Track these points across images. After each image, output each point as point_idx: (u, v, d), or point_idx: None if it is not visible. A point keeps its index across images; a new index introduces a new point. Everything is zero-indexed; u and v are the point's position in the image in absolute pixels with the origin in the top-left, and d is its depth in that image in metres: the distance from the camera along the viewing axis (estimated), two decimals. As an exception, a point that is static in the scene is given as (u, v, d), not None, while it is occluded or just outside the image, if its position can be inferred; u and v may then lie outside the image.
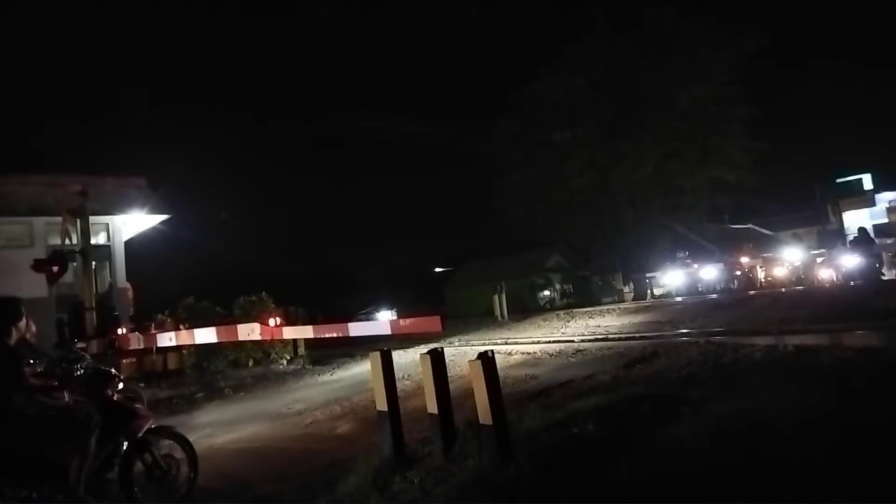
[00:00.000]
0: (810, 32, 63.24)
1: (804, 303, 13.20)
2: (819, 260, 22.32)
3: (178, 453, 5.30)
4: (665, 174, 29.86)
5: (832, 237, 30.54)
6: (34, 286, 15.34)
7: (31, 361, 4.84)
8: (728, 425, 4.70)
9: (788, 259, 23.54)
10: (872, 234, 20.30)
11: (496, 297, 23.07)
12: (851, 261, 18.99)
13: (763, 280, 22.83)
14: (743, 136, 28.96)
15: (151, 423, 5.22)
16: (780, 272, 22.87)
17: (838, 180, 38.19)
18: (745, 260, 23.39)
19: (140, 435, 5.01)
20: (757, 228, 39.14)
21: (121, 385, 5.26)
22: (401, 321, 11.13)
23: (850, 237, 22.72)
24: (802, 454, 3.95)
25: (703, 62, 28.46)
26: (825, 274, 20.82)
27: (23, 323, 4.69)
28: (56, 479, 4.35)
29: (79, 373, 4.98)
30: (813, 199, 39.09)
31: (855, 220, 34.36)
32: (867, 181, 37.18)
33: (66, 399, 4.72)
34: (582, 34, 30.42)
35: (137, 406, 5.23)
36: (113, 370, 5.43)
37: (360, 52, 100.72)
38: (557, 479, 4.05)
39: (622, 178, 29.75)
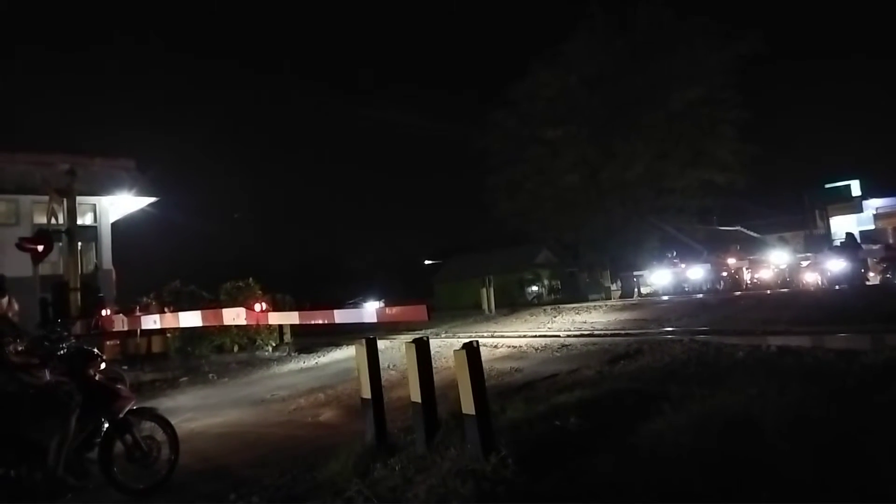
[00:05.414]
0: (804, 38, 63.65)
1: (789, 305, 13.29)
2: (805, 263, 22.51)
3: (160, 436, 5.29)
4: (656, 174, 29.98)
5: (819, 242, 30.77)
6: (19, 265, 15.21)
7: (13, 339, 4.77)
8: (709, 422, 4.74)
9: (775, 262, 23.71)
10: (859, 240, 20.52)
11: (484, 290, 23.13)
12: (837, 265, 19.17)
13: (749, 282, 23.00)
14: (734, 139, 29.11)
15: (133, 405, 5.19)
16: (766, 274, 23.04)
17: (827, 186, 38.43)
18: (731, 261, 23.52)
19: (121, 416, 4.99)
20: (745, 231, 39.34)
21: (103, 365, 5.21)
22: (387, 309, 11.12)
23: (837, 242, 22.90)
24: (781, 452, 4.00)
25: (697, 64, 28.54)
26: (810, 277, 21.01)
27: (6, 300, 4.65)
28: (35, 457, 4.33)
29: (61, 352, 4.93)
30: (801, 203, 39.34)
31: (842, 225, 34.59)
32: (855, 187, 37.45)
33: (48, 378, 4.67)
34: (578, 31, 30.44)
35: (119, 387, 5.18)
36: (96, 350, 5.39)
37: (355, 37, 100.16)
38: (538, 470, 4.07)
39: (613, 176, 29.83)
